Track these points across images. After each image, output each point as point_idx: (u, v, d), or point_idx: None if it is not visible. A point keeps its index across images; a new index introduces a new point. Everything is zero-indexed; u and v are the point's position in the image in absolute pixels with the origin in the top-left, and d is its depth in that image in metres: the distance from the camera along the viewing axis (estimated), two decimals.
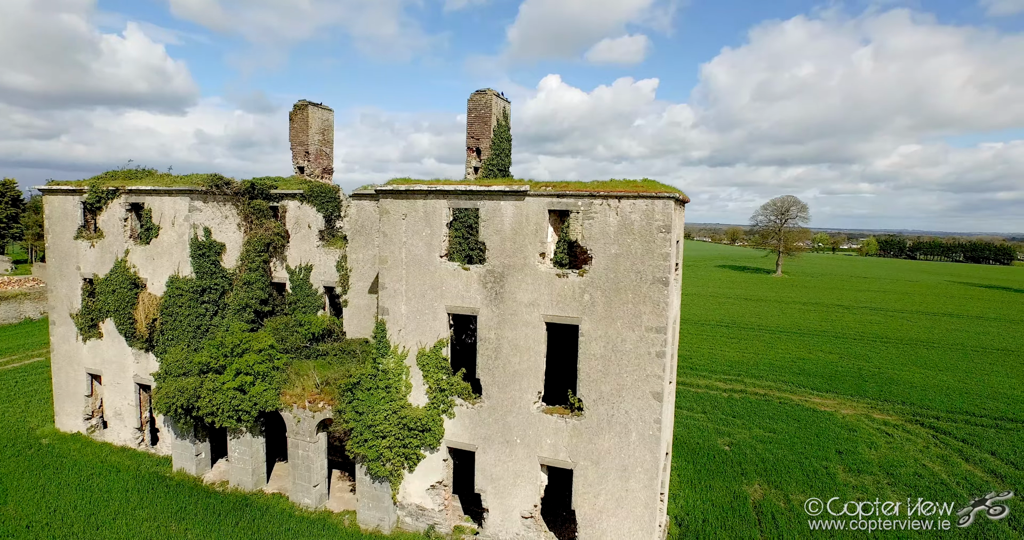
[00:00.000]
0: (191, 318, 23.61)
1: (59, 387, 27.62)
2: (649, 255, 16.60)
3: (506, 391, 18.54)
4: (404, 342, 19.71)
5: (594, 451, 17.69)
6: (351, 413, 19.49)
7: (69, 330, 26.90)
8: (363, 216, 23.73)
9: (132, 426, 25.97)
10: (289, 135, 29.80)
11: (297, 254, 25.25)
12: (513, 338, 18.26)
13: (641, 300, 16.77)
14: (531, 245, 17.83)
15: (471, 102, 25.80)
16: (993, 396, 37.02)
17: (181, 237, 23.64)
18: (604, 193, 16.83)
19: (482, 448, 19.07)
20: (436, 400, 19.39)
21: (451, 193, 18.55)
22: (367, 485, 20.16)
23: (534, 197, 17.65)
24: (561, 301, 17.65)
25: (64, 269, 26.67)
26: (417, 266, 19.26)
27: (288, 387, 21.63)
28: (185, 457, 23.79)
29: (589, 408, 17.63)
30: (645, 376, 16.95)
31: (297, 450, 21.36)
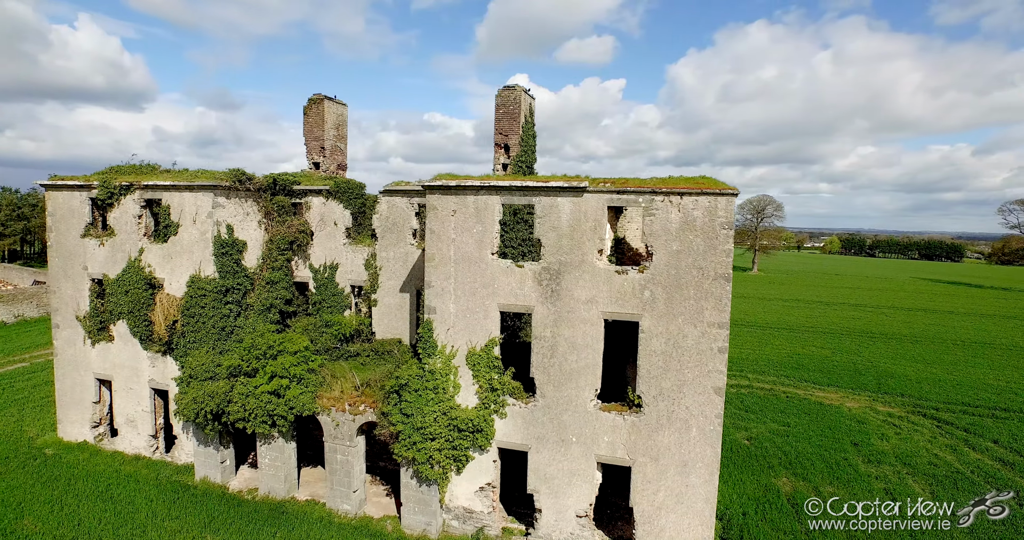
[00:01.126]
0: (215, 319, 22.63)
1: (63, 394, 26.11)
2: (712, 251, 16.68)
3: (562, 389, 18.37)
4: (453, 341, 19.31)
5: (653, 447, 17.68)
6: (398, 416, 19.00)
7: (75, 333, 25.45)
8: (394, 213, 23.20)
9: (147, 433, 24.74)
10: (303, 130, 29.00)
11: (322, 252, 24.52)
12: (570, 336, 18.10)
13: (703, 296, 16.84)
14: (589, 242, 17.70)
15: (499, 98, 25.55)
16: (981, 387, 38.69)
17: (204, 235, 22.62)
18: (666, 189, 16.83)
19: (535, 448, 18.84)
20: (487, 400, 19.07)
21: (505, 189, 18.27)
22: (413, 489, 19.69)
23: (593, 193, 17.53)
24: (620, 298, 17.58)
25: (69, 269, 25.22)
26: (467, 263, 18.90)
27: (325, 390, 20.95)
28: (209, 465, 22.79)
29: (649, 404, 17.61)
30: (707, 371, 17.03)
31: (335, 455, 20.70)
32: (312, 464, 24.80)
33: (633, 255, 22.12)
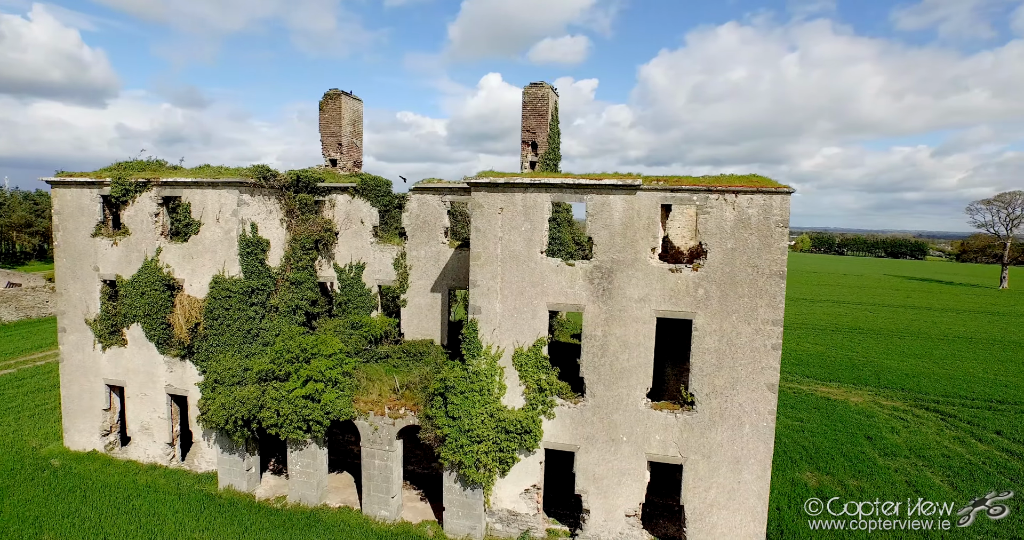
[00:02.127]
0: (240, 322, 21.81)
1: (70, 401, 24.83)
2: (767, 249, 16.77)
3: (612, 389, 18.24)
4: (499, 342, 19.00)
5: (706, 445, 17.70)
6: (444, 419, 18.58)
7: (84, 337, 24.22)
8: (425, 211, 22.73)
9: (163, 441, 23.69)
10: (320, 126, 28.24)
11: (347, 251, 23.86)
12: (622, 334, 17.98)
13: (757, 294, 16.93)
14: (642, 240, 17.61)
15: (527, 95, 25.31)
16: (973, 380, 40.08)
17: (228, 233, 21.78)
18: (721, 188, 16.86)
19: (584, 448, 18.67)
20: (535, 401, 18.82)
21: (555, 186, 18.05)
22: (456, 493, 19.30)
23: (647, 191, 17.45)
24: (674, 296, 17.54)
25: (78, 270, 23.99)
26: (515, 262, 18.61)
27: (361, 393, 20.38)
28: (234, 472, 21.96)
29: (701, 402, 17.62)
30: (760, 368, 17.13)
31: (373, 460, 20.15)
32: (335, 470, 24.13)
33: (675, 253, 22.13)
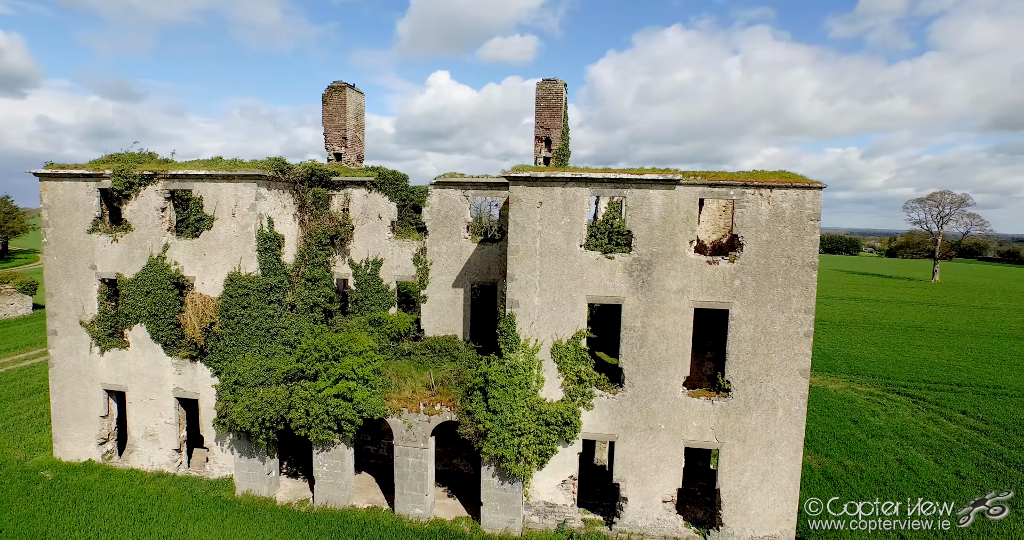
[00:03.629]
0: (259, 320, 21.02)
1: (61, 408, 23.18)
2: (799, 242, 17.67)
3: (651, 378, 18.73)
4: (537, 335, 19.14)
5: (741, 430, 18.47)
6: (485, 413, 18.56)
7: (78, 340, 22.68)
8: (447, 205, 22.60)
9: (170, 447, 22.50)
10: (323, 119, 27.57)
11: (363, 247, 23.42)
12: (660, 325, 18.50)
13: (791, 284, 17.80)
14: (681, 233, 18.17)
15: (540, 91, 25.48)
16: (932, 366, 43.25)
17: (245, 229, 20.93)
18: (757, 183, 17.62)
19: (622, 437, 19.09)
20: (574, 392, 19.08)
21: (595, 181, 18.35)
22: (494, 487, 19.32)
23: (686, 186, 18.01)
24: (711, 287, 18.20)
25: (71, 268, 22.43)
26: (554, 256, 18.80)
27: (393, 391, 20.06)
28: (253, 477, 21.14)
29: (737, 388, 18.37)
30: (793, 355, 18.03)
31: (407, 458, 19.88)
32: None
33: (698, 246, 22.83)
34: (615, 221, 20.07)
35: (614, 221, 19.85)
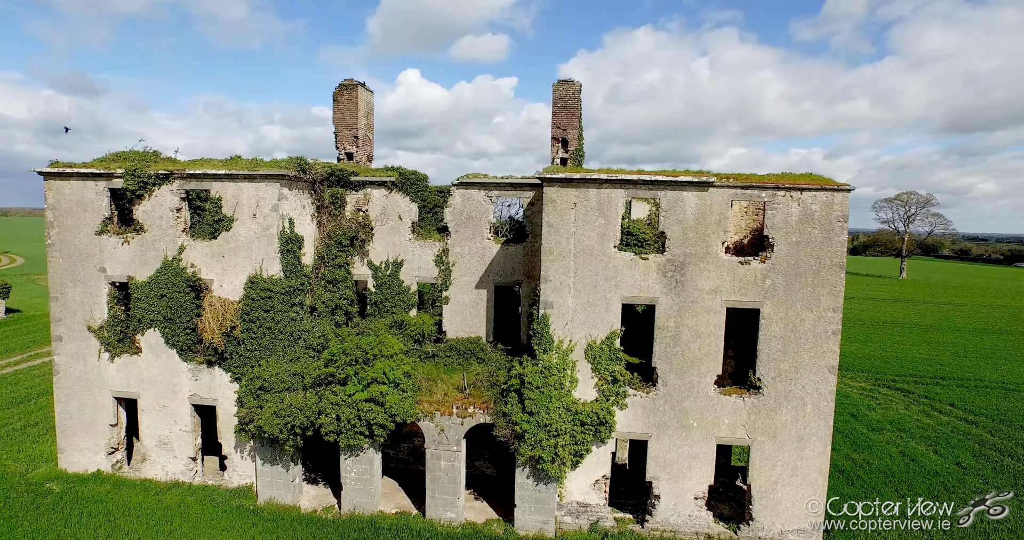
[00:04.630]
0: (283, 324, 20.52)
1: (67, 418, 22.19)
2: (828, 242, 18.18)
3: (684, 377, 19.00)
4: (571, 336, 19.21)
5: (771, 426, 18.90)
6: (521, 415, 18.54)
7: (86, 346, 21.74)
8: (470, 206, 22.45)
9: (185, 455, 21.77)
10: (333, 118, 27.16)
11: (383, 248, 23.08)
12: (693, 325, 18.78)
13: (820, 283, 18.30)
14: (714, 234, 18.49)
15: (557, 92, 25.58)
16: (915, 361, 45.00)
17: (267, 230, 20.40)
18: (788, 185, 18.06)
19: (656, 435, 19.31)
20: (608, 392, 19.21)
21: (630, 182, 18.52)
22: (528, 489, 19.31)
23: (719, 188, 18.33)
24: (743, 287, 18.56)
25: (79, 271, 21.49)
26: (588, 257, 18.90)
27: (424, 394, 19.85)
28: (277, 484, 20.64)
29: (768, 386, 18.79)
30: (822, 352, 18.54)
31: (439, 462, 19.70)
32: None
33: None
34: (625, 222, 20.29)
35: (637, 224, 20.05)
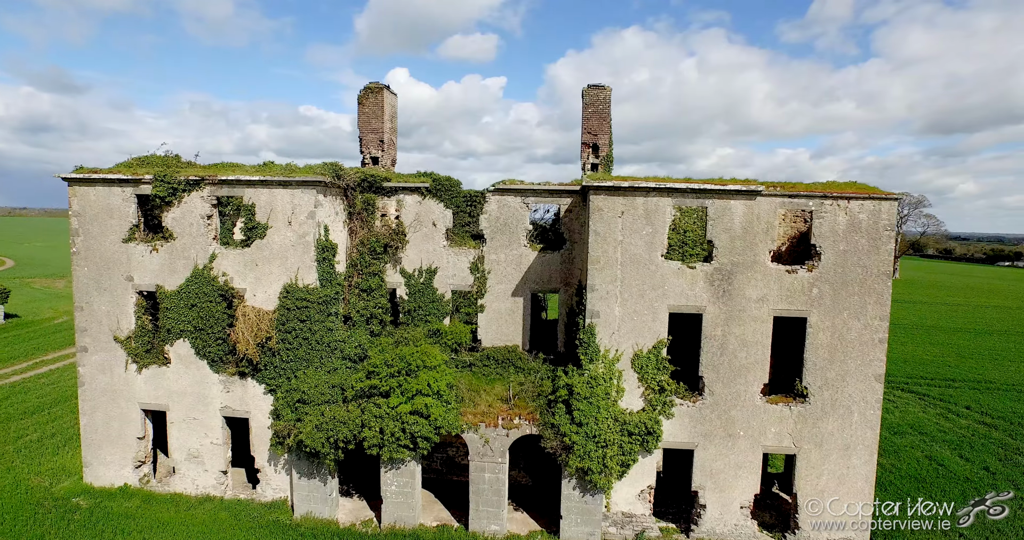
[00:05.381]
0: (320, 334, 20.08)
1: (92, 430, 21.55)
2: (875, 251, 18.15)
3: (730, 386, 18.89)
4: (617, 345, 19.01)
5: (818, 434, 18.84)
6: (569, 426, 18.29)
7: (112, 357, 21.12)
8: (506, 213, 22.18)
9: (216, 469, 21.24)
10: (358, 122, 26.68)
11: (416, 255, 22.72)
12: (740, 334, 18.67)
13: (867, 292, 18.27)
14: (761, 243, 18.39)
15: (588, 97, 25.35)
16: (923, 362, 45.47)
17: (303, 238, 19.96)
18: (836, 194, 18.01)
19: (702, 445, 19.18)
20: (655, 401, 19.04)
21: (677, 191, 18.35)
22: (575, 500, 19.08)
23: (767, 197, 18.23)
24: (790, 296, 18.48)
25: (105, 280, 20.86)
26: (635, 266, 18.70)
27: (467, 405, 19.53)
28: (314, 498, 20.19)
29: (814, 394, 18.73)
30: (868, 361, 18.51)
31: (483, 474, 19.40)
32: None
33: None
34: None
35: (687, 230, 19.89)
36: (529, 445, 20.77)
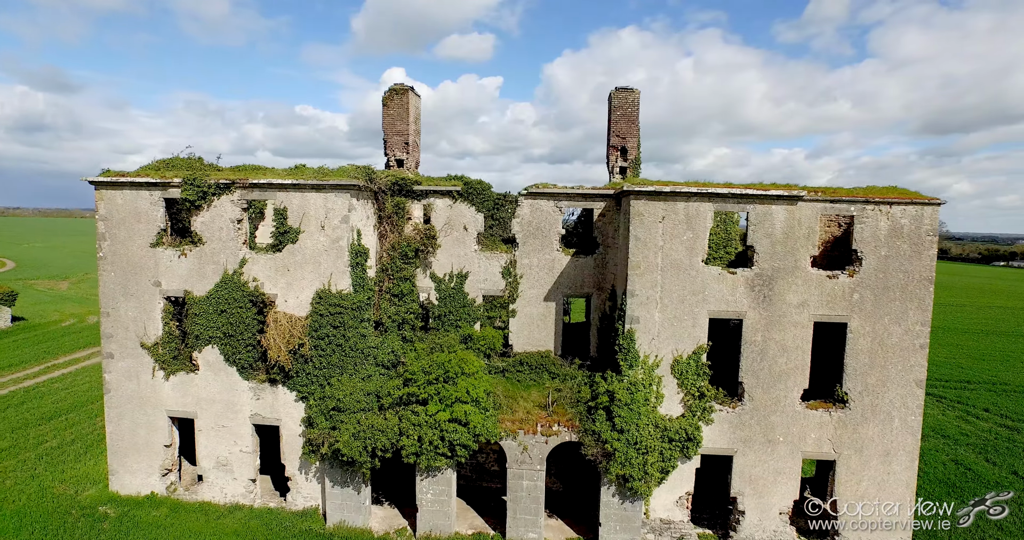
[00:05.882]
0: (354, 340, 19.81)
1: (118, 438, 21.20)
2: (918, 256, 18.06)
3: (770, 391, 18.75)
4: (656, 351, 18.83)
5: (858, 440, 18.73)
6: (610, 432, 18.10)
7: (139, 364, 20.78)
8: (538, 217, 21.95)
9: (245, 477, 20.93)
10: (383, 124, 26.32)
11: (447, 260, 22.45)
12: (780, 339, 18.53)
13: (908, 297, 18.17)
14: (802, 248, 18.25)
15: (617, 99, 25.16)
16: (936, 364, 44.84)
17: (336, 242, 19.69)
18: (878, 199, 17.90)
19: (741, 451, 19.03)
20: (694, 407, 18.87)
21: (719, 196, 18.19)
22: (614, 507, 18.89)
23: (808, 202, 18.09)
24: (830, 301, 18.36)
25: (131, 286, 20.52)
26: (675, 271, 18.53)
27: (505, 412, 19.30)
28: (347, 507, 19.92)
29: (855, 400, 18.61)
30: (909, 366, 18.41)
31: (520, 482, 19.18)
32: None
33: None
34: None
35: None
36: (561, 451, 20.53)
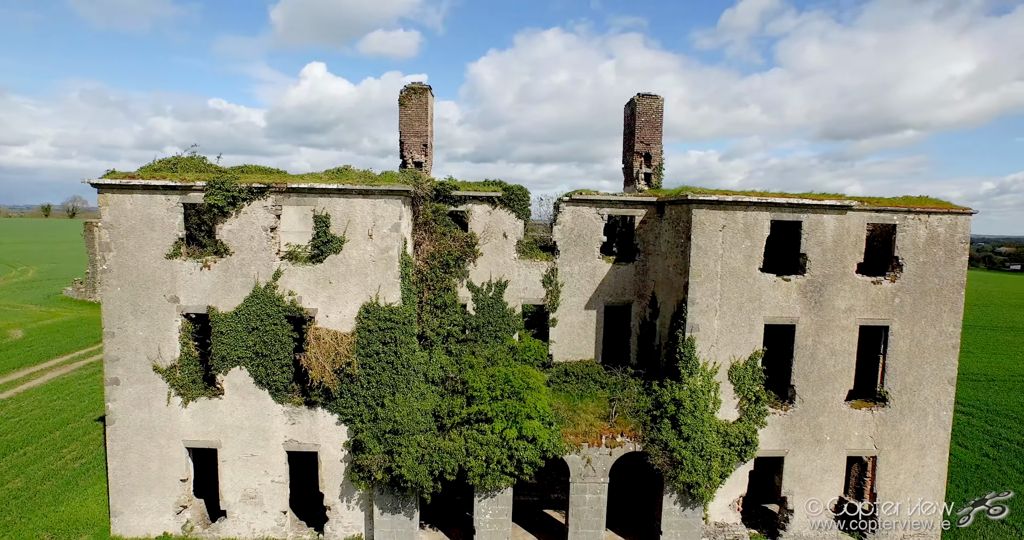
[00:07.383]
0: (406, 357, 18.52)
1: (124, 473, 18.64)
2: (951, 263, 19.39)
3: (819, 393, 19.47)
4: (715, 358, 19.00)
5: (896, 436, 19.87)
6: (677, 441, 18.08)
7: (150, 390, 18.35)
8: (580, 224, 21.62)
9: (277, 509, 19.04)
10: (400, 125, 24.93)
11: (485, 268, 21.61)
12: (829, 342, 19.28)
13: (943, 301, 19.48)
14: (850, 255, 19.06)
15: (641, 105, 25.24)
16: None
17: (385, 252, 18.32)
18: (919, 209, 19.05)
19: (791, 451, 19.63)
20: (750, 411, 19.24)
21: (775, 205, 18.60)
22: (675, 514, 18.91)
23: (857, 211, 18.91)
24: (874, 305, 19.32)
25: (142, 301, 18.06)
26: (734, 279, 18.77)
27: (567, 426, 18.77)
28: (398, 534, 18.67)
29: (894, 398, 19.73)
30: (943, 366, 19.76)
31: (583, 495, 18.75)
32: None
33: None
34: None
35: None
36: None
